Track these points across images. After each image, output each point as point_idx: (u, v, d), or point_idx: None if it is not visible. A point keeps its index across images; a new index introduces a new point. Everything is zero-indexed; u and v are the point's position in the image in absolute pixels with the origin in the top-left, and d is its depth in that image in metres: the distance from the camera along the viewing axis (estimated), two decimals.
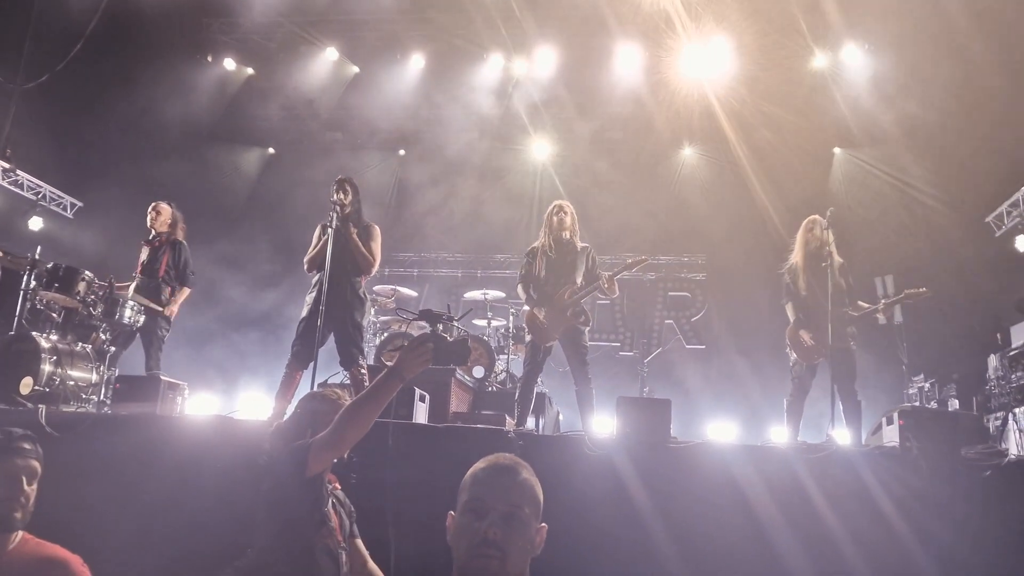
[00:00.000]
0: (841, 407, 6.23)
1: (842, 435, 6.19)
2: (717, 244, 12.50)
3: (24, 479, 2.75)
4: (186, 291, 7.79)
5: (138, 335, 7.42)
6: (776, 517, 4.41)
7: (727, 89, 11.51)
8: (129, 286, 7.51)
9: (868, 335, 8.67)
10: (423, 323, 2.92)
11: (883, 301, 6.56)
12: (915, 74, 10.42)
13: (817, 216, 6.75)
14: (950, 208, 11.17)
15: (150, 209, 7.77)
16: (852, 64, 11.11)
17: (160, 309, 7.43)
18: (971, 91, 10.11)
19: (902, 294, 6.56)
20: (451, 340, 2.66)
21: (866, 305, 6.63)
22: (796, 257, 6.78)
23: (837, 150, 12.23)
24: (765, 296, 9.19)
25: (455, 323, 3.10)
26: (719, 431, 9.89)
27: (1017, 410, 7.81)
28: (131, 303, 7.13)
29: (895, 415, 5.16)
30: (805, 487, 4.52)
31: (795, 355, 6.64)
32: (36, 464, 2.83)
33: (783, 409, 6.69)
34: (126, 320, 7.06)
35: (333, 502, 3.30)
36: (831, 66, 11.26)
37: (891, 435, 5.21)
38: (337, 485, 3.37)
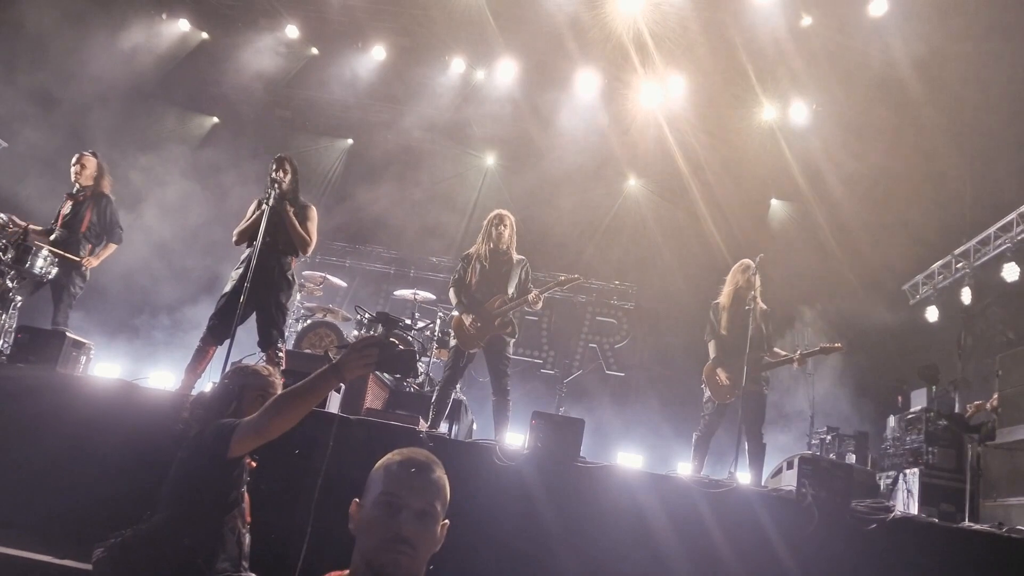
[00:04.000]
0: (746, 447, 6.42)
1: (744, 475, 6.37)
2: (650, 276, 12.74)
3: None
4: (112, 247, 7.50)
5: (49, 287, 7.09)
6: (674, 546, 4.49)
7: (679, 126, 11.79)
8: (46, 234, 7.19)
9: (782, 381, 8.98)
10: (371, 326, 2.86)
11: (799, 351, 6.78)
12: (855, 137, 10.85)
13: (749, 260, 6.96)
14: (871, 272, 11.66)
15: (74, 161, 7.44)
16: (798, 120, 11.50)
17: (77, 259, 7.12)
18: (905, 160, 10.61)
19: (818, 347, 6.81)
20: (400, 349, 2.60)
21: (782, 353, 6.86)
22: (723, 297, 6.97)
23: (774, 200, 12.62)
24: (688, 333, 9.40)
25: (411, 332, 3.06)
26: (627, 459, 10.05)
27: (908, 471, 8.18)
28: (44, 254, 6.81)
29: (795, 461, 5.33)
30: (705, 520, 4.62)
31: (709, 392, 6.81)
32: None
33: (691, 443, 6.85)
34: (36, 270, 6.75)
35: (247, 480, 3.24)
36: (779, 119, 11.64)
37: (789, 480, 5.37)
38: (252, 464, 3.29)
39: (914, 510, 7.64)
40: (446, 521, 1.94)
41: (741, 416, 6.47)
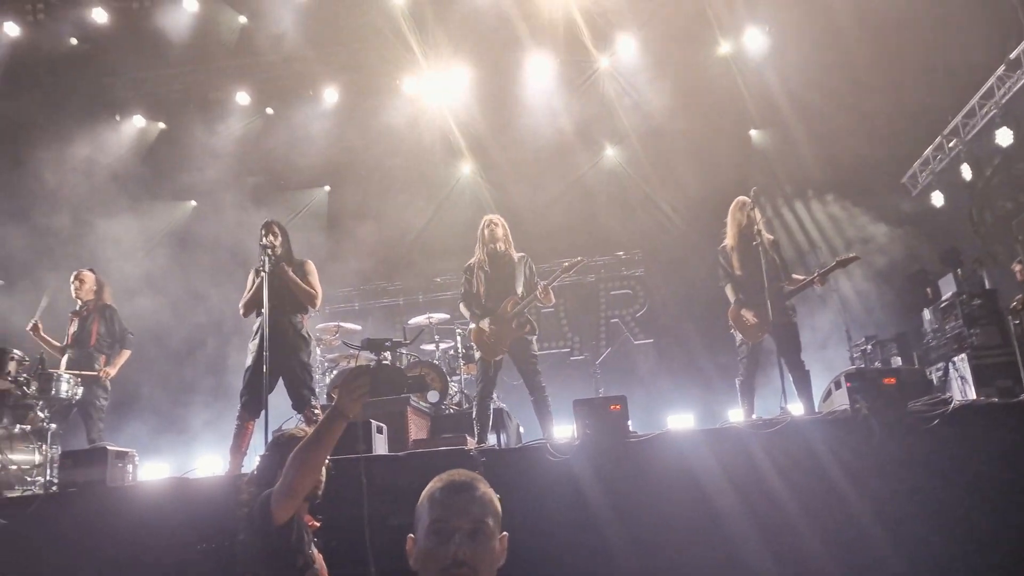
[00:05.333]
0: (791, 379, 6.39)
1: (796, 407, 6.34)
2: (652, 238, 12.69)
3: None
4: (126, 353, 7.60)
5: (76, 409, 7.17)
6: (733, 498, 4.46)
7: (638, 85, 11.74)
8: (60, 352, 7.30)
9: (808, 305, 8.93)
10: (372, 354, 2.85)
11: (817, 271, 6.74)
12: (817, 50, 10.74)
13: (744, 197, 6.94)
14: (867, 174, 11.57)
15: (72, 279, 7.56)
16: (754, 47, 11.39)
17: (97, 374, 7.21)
18: (872, 55, 10.46)
19: (834, 262, 6.77)
20: (388, 369, 2.56)
21: (800, 277, 6.82)
22: (729, 239, 6.94)
23: (753, 132, 12.54)
24: (705, 282, 9.36)
25: (401, 349, 3.05)
26: (679, 421, 10.02)
27: (955, 359, 8.10)
28: (66, 377, 6.91)
29: (842, 379, 5.30)
30: (764, 464, 4.59)
31: (740, 335, 6.78)
32: None
33: (737, 390, 6.82)
34: (63, 394, 6.85)
35: (315, 541, 3.26)
36: (735, 50, 11.54)
37: (841, 399, 5.34)
38: (316, 524, 3.31)
39: (972, 395, 7.56)
40: (504, 534, 1.93)
41: (778, 349, 6.45)
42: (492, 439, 6.85)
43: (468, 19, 11.01)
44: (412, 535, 1.90)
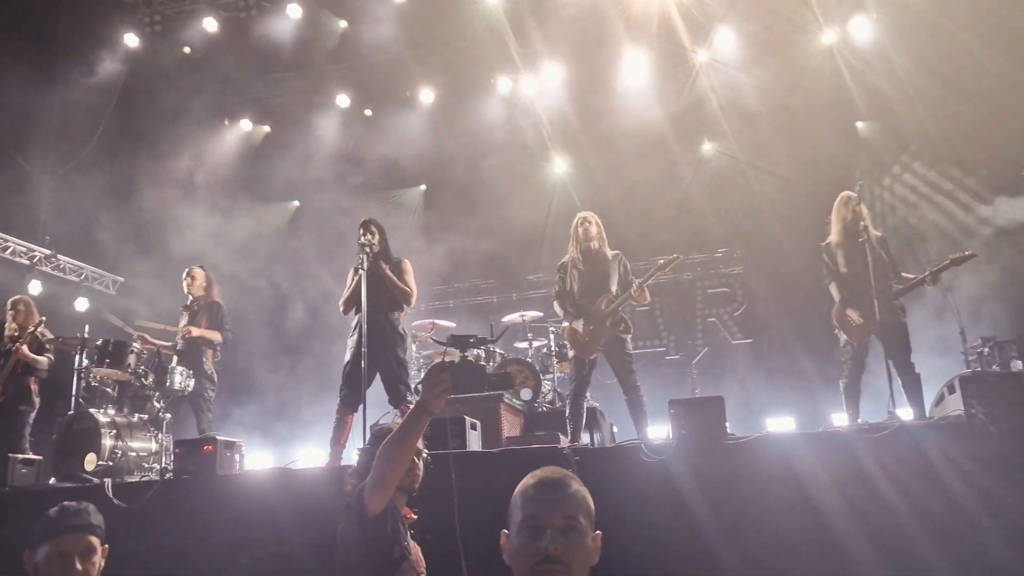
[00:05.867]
0: (900, 382, 6.10)
1: (905, 412, 6.05)
2: (750, 234, 12.33)
3: (76, 558, 2.66)
4: (217, 334, 7.87)
5: (186, 400, 7.56)
6: (839, 504, 4.28)
7: (737, 78, 11.45)
8: (172, 348, 7.69)
9: (918, 305, 8.49)
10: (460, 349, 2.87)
11: (928, 269, 6.40)
12: (931, 36, 10.22)
13: (849, 192, 6.68)
14: (987, 166, 10.92)
15: (184, 275, 7.97)
16: (861, 36, 10.93)
17: (200, 364, 7.56)
18: (990, 42, 9.91)
19: (947, 260, 6.41)
20: (471, 365, 2.59)
21: (910, 276, 6.50)
22: (833, 235, 6.69)
23: (859, 124, 12.02)
24: (807, 281, 9.04)
25: (492, 346, 3.07)
26: (778, 424, 9.71)
27: None
28: (180, 369, 7.29)
29: (956, 383, 5.02)
30: (871, 469, 4.39)
31: (844, 336, 6.52)
32: (93, 541, 2.72)
33: (840, 393, 6.56)
34: (177, 386, 7.22)
35: (412, 533, 3.33)
36: (840, 40, 11.10)
37: (955, 404, 5.06)
38: (412, 516, 3.39)
39: None
40: (598, 532, 1.91)
41: (886, 351, 6.16)
42: (585, 438, 6.82)
43: (562, 16, 11.02)
44: (505, 531, 1.91)
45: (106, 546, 2.82)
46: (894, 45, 10.56)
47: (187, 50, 12.09)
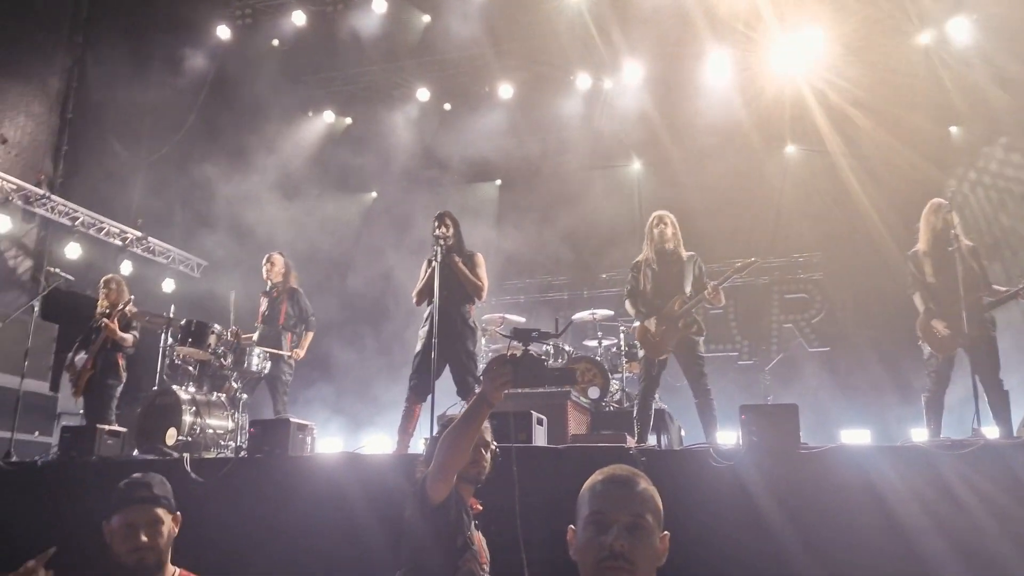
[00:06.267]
0: (986, 399, 5.83)
1: (990, 430, 5.78)
2: (832, 239, 11.97)
3: (142, 529, 2.76)
4: (310, 335, 8.14)
5: (263, 381, 7.78)
6: (919, 520, 4.11)
7: (824, 80, 11.12)
8: (252, 336, 7.91)
9: (1011, 320, 8.10)
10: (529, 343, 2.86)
11: (1023, 283, 6.10)
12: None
13: (940, 199, 6.42)
14: None
15: (264, 261, 8.18)
16: (959, 37, 10.48)
17: (287, 355, 7.78)
18: None
19: None
20: (532, 359, 2.58)
21: (1003, 289, 6.20)
22: (922, 244, 6.44)
23: (953, 128, 11.52)
24: (890, 289, 8.72)
25: (558, 342, 3.06)
26: (853, 436, 9.42)
27: None
28: (258, 351, 7.51)
29: None
30: (951, 487, 4.21)
31: (929, 347, 6.27)
32: (159, 512, 2.81)
33: (921, 407, 6.32)
34: (254, 368, 7.45)
35: (476, 524, 3.36)
36: (936, 42, 10.67)
37: None
38: (478, 507, 3.42)
39: None
40: (665, 533, 1.89)
41: (973, 366, 5.90)
42: (652, 439, 6.75)
43: (644, 14, 10.89)
44: (572, 526, 1.91)
45: (177, 514, 2.94)
46: (992, 46, 10.09)
47: (275, 43, 12.45)
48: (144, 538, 2.75)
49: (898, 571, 4.10)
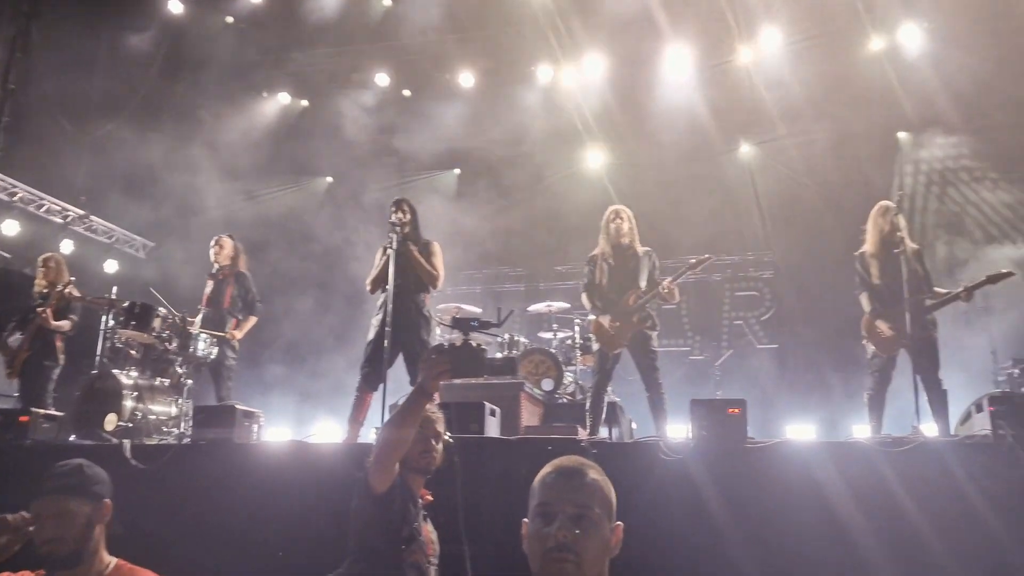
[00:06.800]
0: (926, 398, 5.99)
1: (929, 427, 5.95)
2: (783, 239, 12.19)
3: (50, 522, 2.68)
4: (252, 319, 7.96)
5: (207, 367, 7.61)
6: (859, 516, 4.22)
7: (781, 80, 11.29)
8: (195, 319, 7.73)
9: (950, 321, 8.34)
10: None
11: (964, 285, 6.27)
12: (976, 51, 10.01)
13: (887, 202, 6.57)
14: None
15: (213, 243, 7.99)
16: (909, 45, 10.73)
17: (225, 335, 7.60)
18: None
19: (984, 277, 6.28)
20: (470, 349, 2.56)
21: (944, 291, 6.37)
22: (869, 245, 6.57)
23: (901, 135, 11.81)
24: (837, 289, 8.91)
25: (496, 329, 3.03)
26: (798, 431, 9.62)
27: None
28: (203, 336, 7.34)
29: (985, 402, 4.92)
30: (890, 483, 4.33)
31: (873, 347, 6.42)
32: (69, 503, 2.72)
33: (864, 404, 6.47)
34: (200, 353, 7.28)
35: (424, 515, 3.33)
36: (888, 48, 10.91)
37: (981, 423, 4.96)
38: (428, 498, 3.39)
39: None
40: (618, 524, 1.89)
41: (914, 365, 6.06)
42: (604, 432, 6.79)
43: (607, 7, 10.90)
44: (526, 519, 1.90)
45: (106, 502, 2.84)
46: (942, 53, 10.35)
47: (230, 19, 12.15)
48: (53, 530, 2.67)
49: (837, 564, 4.20)
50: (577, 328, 9.25)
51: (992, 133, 10.77)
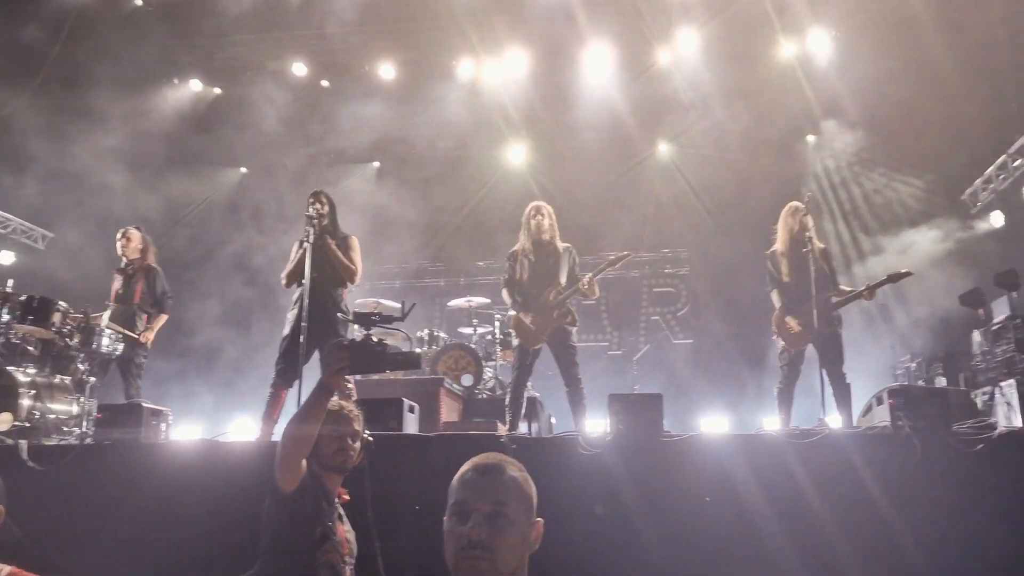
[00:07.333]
0: (831, 391, 6.25)
1: (834, 419, 6.20)
2: (699, 237, 12.52)
3: None
4: (163, 317, 7.66)
5: (115, 364, 7.28)
6: (768, 506, 4.38)
7: (697, 82, 11.57)
8: (103, 315, 7.39)
9: (854, 318, 8.73)
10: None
11: (867, 284, 6.56)
12: (885, 57, 10.49)
13: (796, 202, 6.79)
14: (928, 188, 11.30)
15: (119, 236, 7.63)
16: (819, 51, 11.16)
17: (136, 337, 7.29)
18: (933, 74, 10.26)
19: (885, 276, 6.58)
20: (370, 344, 2.54)
21: (848, 289, 6.65)
22: (779, 244, 6.79)
23: (811, 138, 12.28)
24: (749, 286, 9.21)
25: (399, 322, 3.01)
26: (712, 424, 9.88)
27: (1003, 384, 7.84)
28: (108, 332, 7.01)
29: (884, 395, 5.15)
30: (799, 473, 4.50)
31: (782, 342, 6.65)
32: None
33: (774, 398, 6.69)
34: (104, 349, 6.95)
35: (340, 515, 3.27)
36: (799, 53, 11.31)
37: (882, 415, 5.20)
38: (345, 497, 3.32)
39: (1017, 422, 7.33)
40: (538, 520, 1.89)
41: (820, 360, 6.30)
42: (523, 427, 6.82)
43: (529, 3, 10.93)
44: (446, 517, 1.88)
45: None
46: (848, 59, 10.81)
47: (139, 1, 11.62)
48: None
49: (747, 552, 4.33)
50: (497, 323, 9.27)
51: (889, 134, 11.29)
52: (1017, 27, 9.67)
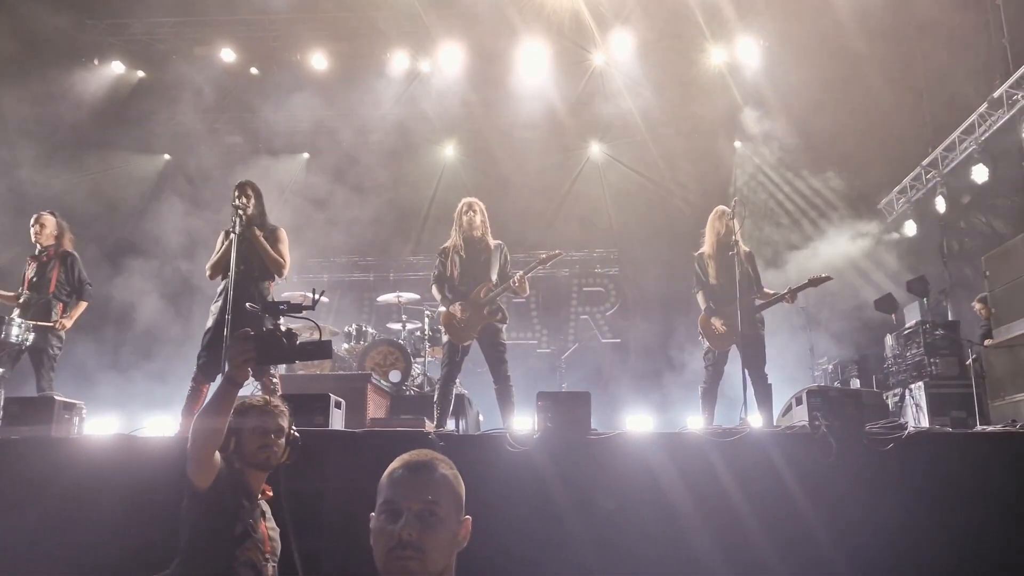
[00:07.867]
0: (752, 391, 6.42)
1: (756, 419, 6.37)
2: (629, 238, 12.71)
3: None
4: (83, 305, 7.33)
5: (27, 354, 6.95)
6: (691, 503, 4.47)
7: (629, 84, 11.74)
8: (15, 299, 7.05)
9: (777, 320, 8.99)
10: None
11: (788, 288, 6.76)
12: (807, 67, 10.84)
13: (724, 207, 6.95)
14: (845, 196, 11.73)
15: (33, 222, 7.27)
16: (748, 59, 11.46)
17: (50, 324, 6.97)
18: (855, 87, 10.67)
19: (806, 281, 6.80)
20: (276, 335, 2.52)
21: (771, 292, 6.84)
22: (707, 247, 6.92)
23: (738, 144, 12.61)
24: (677, 287, 9.40)
25: (309, 311, 2.98)
26: (638, 422, 10.03)
27: (913, 386, 8.23)
28: (18, 321, 6.69)
29: (803, 395, 5.32)
30: (721, 471, 4.60)
31: (707, 343, 6.79)
32: None
33: (699, 397, 6.84)
34: (13, 339, 6.63)
35: (263, 512, 3.19)
36: (728, 60, 11.60)
37: (800, 415, 5.37)
38: (268, 494, 3.25)
39: (925, 423, 7.69)
40: (467, 518, 1.89)
41: (743, 361, 6.47)
42: (451, 424, 6.79)
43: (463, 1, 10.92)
44: (373, 513, 1.85)
45: None
46: (778, 67, 11.13)
47: None
48: None
49: (671, 549, 4.41)
50: (427, 319, 9.21)
51: (812, 141, 11.69)
52: (930, 43, 10.13)
